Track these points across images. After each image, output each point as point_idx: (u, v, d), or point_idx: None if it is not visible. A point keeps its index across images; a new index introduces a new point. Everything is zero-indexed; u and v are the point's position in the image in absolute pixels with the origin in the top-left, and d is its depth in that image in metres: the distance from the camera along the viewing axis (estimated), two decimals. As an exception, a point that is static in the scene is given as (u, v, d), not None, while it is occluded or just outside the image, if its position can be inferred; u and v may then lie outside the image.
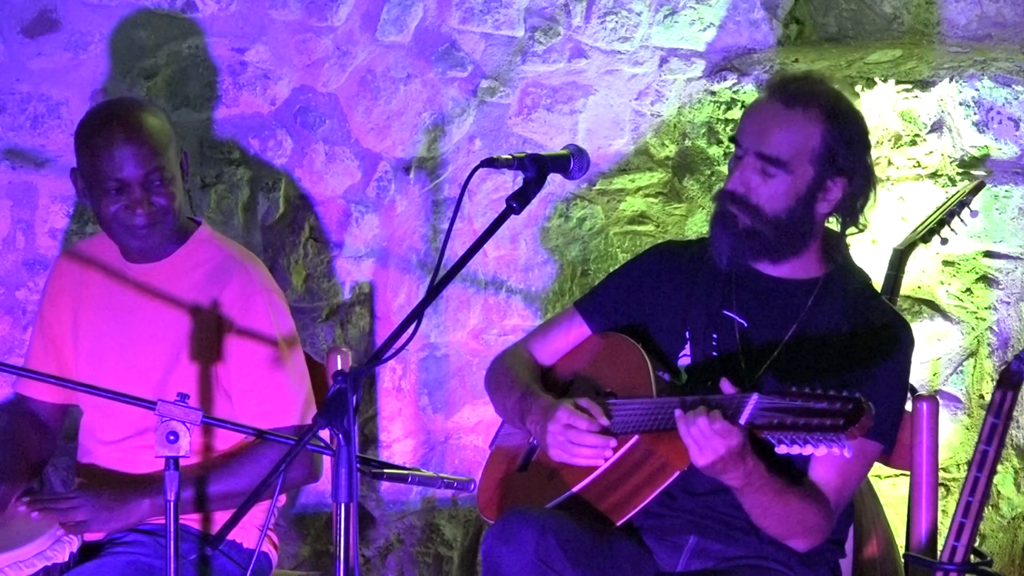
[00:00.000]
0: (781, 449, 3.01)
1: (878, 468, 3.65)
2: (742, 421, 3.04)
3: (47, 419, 3.80)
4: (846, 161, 3.34)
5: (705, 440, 3.06)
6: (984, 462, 3.34)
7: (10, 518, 3.49)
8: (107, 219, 3.57)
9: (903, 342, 3.39)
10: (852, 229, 3.45)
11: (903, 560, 3.57)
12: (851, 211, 3.40)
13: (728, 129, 4.67)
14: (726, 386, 3.11)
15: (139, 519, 3.51)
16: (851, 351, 3.34)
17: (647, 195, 4.78)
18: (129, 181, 3.52)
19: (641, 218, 4.79)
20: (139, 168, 3.52)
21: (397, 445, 4.72)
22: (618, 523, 3.31)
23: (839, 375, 3.27)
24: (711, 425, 3.05)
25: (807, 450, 2.97)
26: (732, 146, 4.59)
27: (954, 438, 4.43)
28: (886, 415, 3.30)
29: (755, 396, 3.04)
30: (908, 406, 3.47)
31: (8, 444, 3.73)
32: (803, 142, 3.32)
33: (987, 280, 4.42)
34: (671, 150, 4.77)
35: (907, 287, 4.31)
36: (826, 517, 3.30)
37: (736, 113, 4.65)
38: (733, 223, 3.36)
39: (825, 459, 3.25)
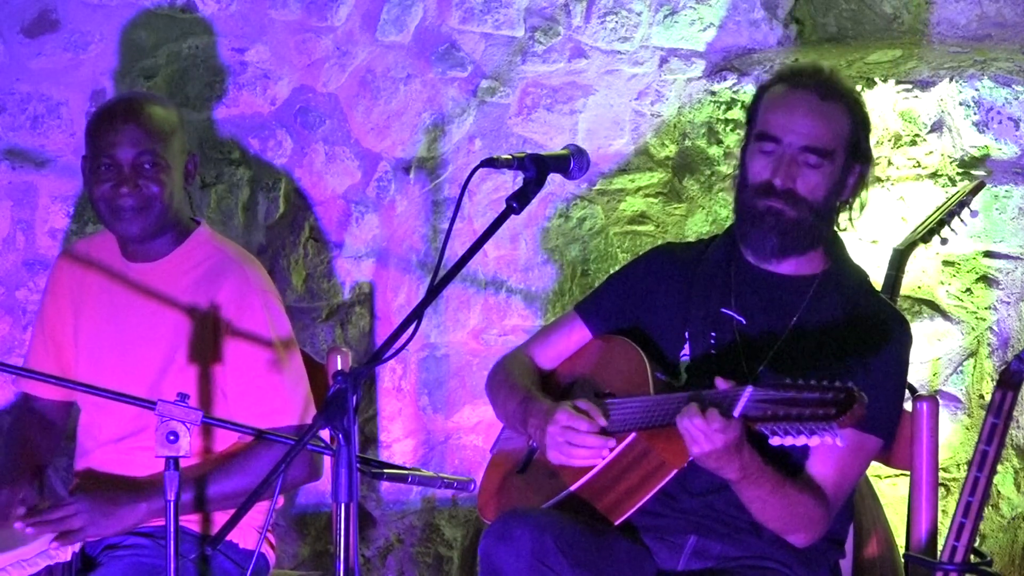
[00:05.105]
0: (775, 440, 3.02)
1: (878, 468, 3.65)
2: (736, 414, 3.06)
3: (51, 416, 3.81)
4: (866, 147, 3.44)
5: (702, 436, 3.08)
6: (984, 462, 3.34)
7: (10, 518, 3.49)
8: (96, 200, 3.59)
9: (898, 335, 3.40)
10: (847, 225, 3.48)
11: (903, 560, 3.56)
12: (856, 197, 3.46)
13: (728, 129, 4.67)
14: (720, 383, 3.12)
15: (135, 523, 3.50)
16: (847, 344, 3.36)
17: (647, 195, 4.78)
18: (120, 160, 3.55)
19: (641, 218, 4.79)
20: (132, 148, 3.54)
21: (397, 445, 4.72)
22: (616, 522, 3.31)
23: (834, 368, 3.28)
24: (708, 424, 3.07)
25: (800, 440, 2.99)
26: (732, 146, 4.63)
27: (954, 438, 4.43)
28: (882, 408, 3.31)
29: (749, 389, 3.05)
30: (908, 406, 3.47)
31: (13, 443, 3.74)
32: (839, 131, 3.38)
33: (987, 280, 4.41)
34: (671, 150, 4.77)
35: (907, 287, 4.31)
36: (825, 511, 3.30)
37: (736, 113, 4.65)
38: (779, 217, 3.37)
39: (822, 453, 3.27)
